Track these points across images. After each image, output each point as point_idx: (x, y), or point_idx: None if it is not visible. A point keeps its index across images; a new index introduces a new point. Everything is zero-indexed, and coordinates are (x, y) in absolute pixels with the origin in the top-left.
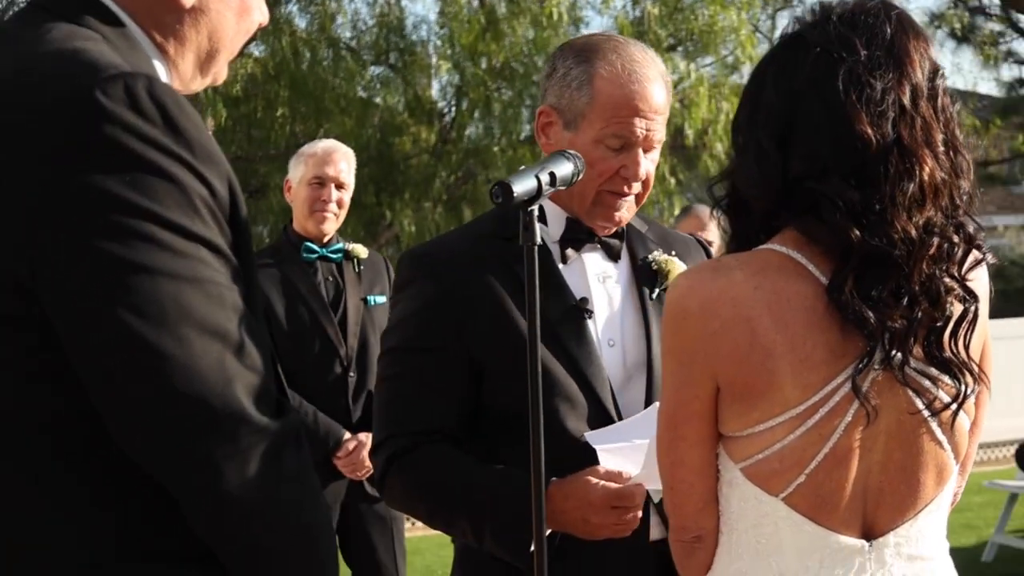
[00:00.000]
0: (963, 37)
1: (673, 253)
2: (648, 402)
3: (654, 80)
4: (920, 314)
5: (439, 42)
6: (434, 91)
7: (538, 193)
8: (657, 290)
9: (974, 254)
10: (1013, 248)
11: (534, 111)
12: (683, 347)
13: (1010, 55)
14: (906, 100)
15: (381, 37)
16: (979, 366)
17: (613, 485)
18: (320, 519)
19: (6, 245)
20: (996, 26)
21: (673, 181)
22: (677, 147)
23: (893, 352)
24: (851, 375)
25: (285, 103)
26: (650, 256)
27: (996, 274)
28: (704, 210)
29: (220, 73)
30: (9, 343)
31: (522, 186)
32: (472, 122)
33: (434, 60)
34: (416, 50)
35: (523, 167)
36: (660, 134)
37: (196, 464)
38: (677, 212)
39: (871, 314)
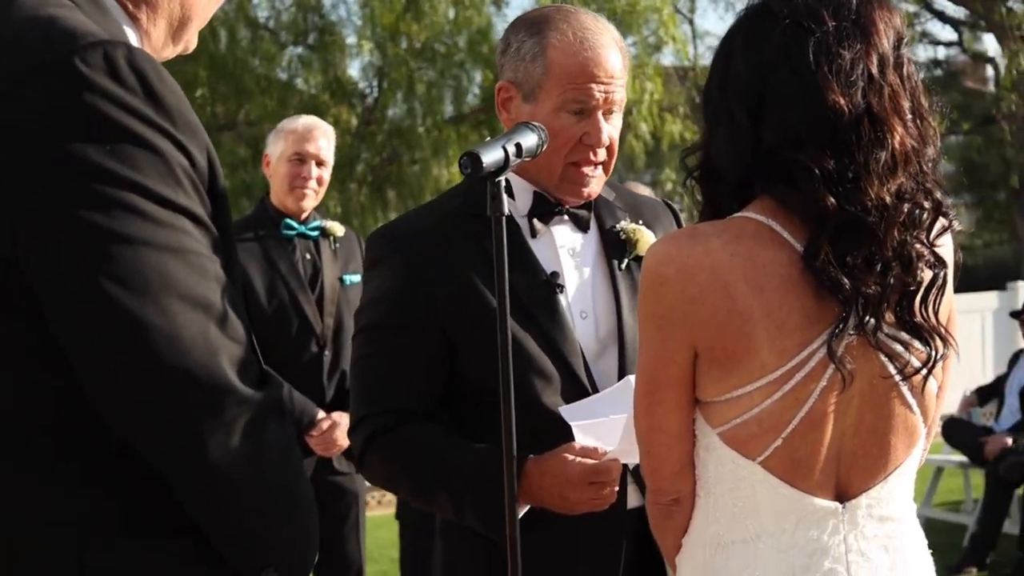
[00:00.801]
0: None
1: (640, 221)
2: (621, 372)
3: (607, 45)
4: (893, 280)
5: (359, 22)
6: (355, 72)
7: (505, 164)
8: (626, 260)
9: (941, 221)
10: None
11: (457, 91)
12: (661, 313)
13: (925, 36)
14: (874, 69)
15: (299, 17)
16: (947, 331)
17: (590, 461)
18: (301, 492)
19: None
20: (911, 7)
21: None
22: None
23: (867, 318)
24: (826, 340)
25: (204, 84)
26: (618, 226)
27: None
28: (636, 187)
29: (191, 41)
30: (6, 338)
31: (490, 156)
32: (395, 103)
33: (354, 40)
34: (336, 30)
35: (488, 139)
36: (619, 95)
37: (181, 437)
38: None
39: (846, 280)
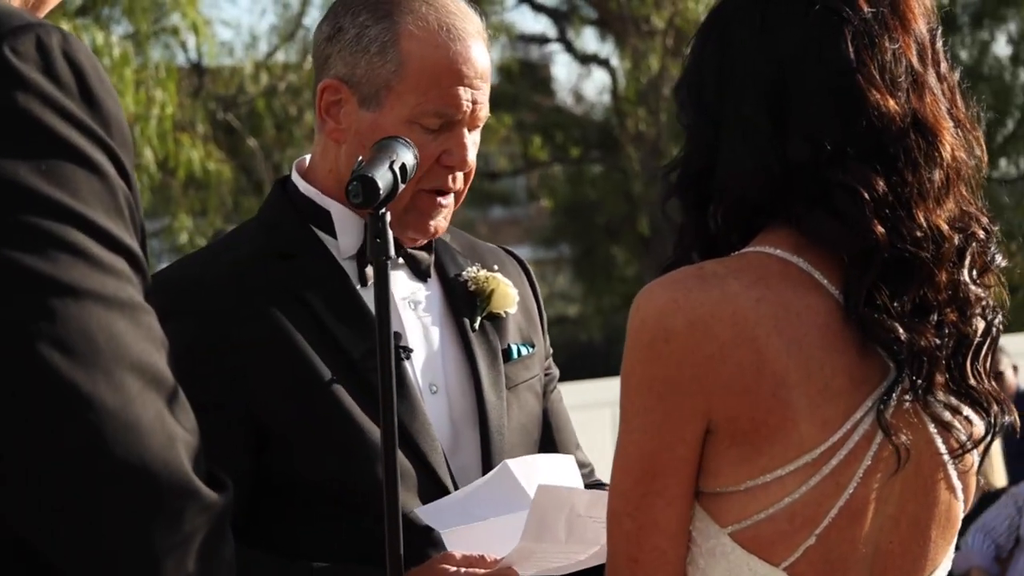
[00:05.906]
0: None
1: (496, 268)
2: (485, 462)
3: (475, 37)
4: (948, 330)
5: None
6: None
7: (394, 190)
8: (479, 318)
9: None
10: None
11: None
12: (666, 377)
13: (505, 29)
14: (916, 66)
15: None
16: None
17: (479, 571)
18: None
19: None
20: None
21: None
22: None
23: (919, 379)
24: (873, 407)
25: None
26: (464, 273)
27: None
28: None
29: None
30: None
31: (383, 180)
32: None
33: None
34: None
35: (361, 159)
36: (486, 108)
37: (132, 553)
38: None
39: (903, 332)
